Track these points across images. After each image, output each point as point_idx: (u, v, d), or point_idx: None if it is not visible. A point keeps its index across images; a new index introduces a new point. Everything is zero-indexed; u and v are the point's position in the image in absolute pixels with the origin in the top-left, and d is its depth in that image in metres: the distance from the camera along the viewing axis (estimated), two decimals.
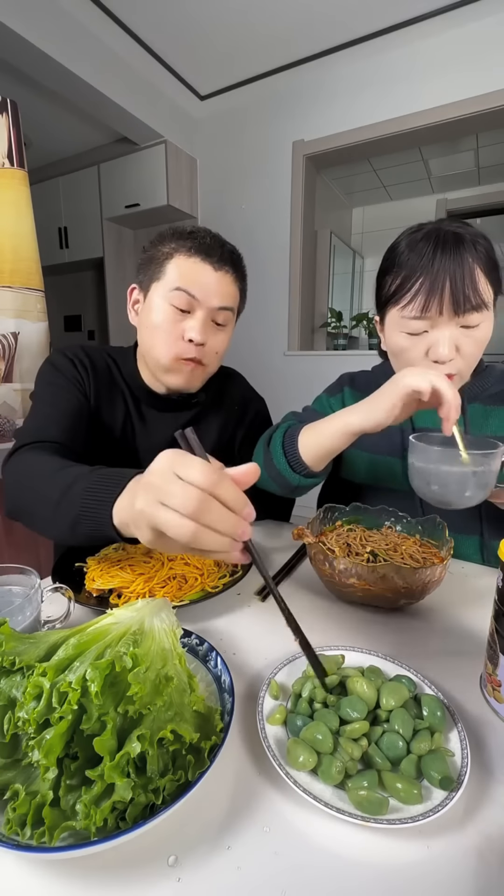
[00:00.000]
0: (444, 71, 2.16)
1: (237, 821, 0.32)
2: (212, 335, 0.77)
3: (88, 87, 2.21)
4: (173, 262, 0.74)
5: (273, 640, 0.52)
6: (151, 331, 0.76)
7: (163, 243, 0.75)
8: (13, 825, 0.28)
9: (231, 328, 0.82)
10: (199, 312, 0.74)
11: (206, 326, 0.75)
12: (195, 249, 0.73)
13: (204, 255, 0.73)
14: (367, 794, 0.32)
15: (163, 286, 0.74)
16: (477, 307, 0.63)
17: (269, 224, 2.76)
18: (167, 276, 0.74)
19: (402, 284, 0.66)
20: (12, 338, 1.43)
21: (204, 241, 0.74)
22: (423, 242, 0.64)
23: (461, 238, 0.63)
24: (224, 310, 0.76)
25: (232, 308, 0.78)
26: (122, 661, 0.31)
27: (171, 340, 0.75)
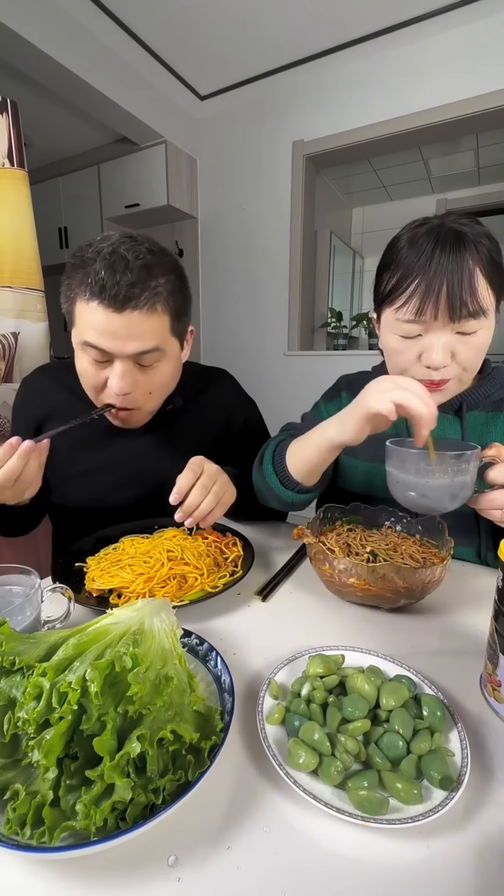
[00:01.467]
0: (444, 71, 2.15)
1: (237, 821, 0.32)
2: (141, 378, 0.70)
3: (88, 87, 2.21)
4: (77, 306, 0.65)
5: (273, 640, 0.52)
6: (80, 376, 0.73)
7: (70, 276, 0.66)
8: (13, 825, 0.28)
9: (170, 360, 0.72)
10: (118, 363, 0.67)
11: (128, 374, 0.68)
12: (91, 291, 0.62)
13: (100, 297, 0.62)
14: (367, 794, 0.32)
15: (76, 334, 0.68)
16: (474, 314, 0.59)
17: (269, 224, 2.76)
18: (77, 323, 0.67)
19: (397, 284, 0.62)
20: (12, 338, 1.43)
21: (98, 277, 0.61)
22: (424, 239, 0.60)
23: (463, 237, 0.58)
24: (145, 354, 0.67)
25: (156, 348, 0.67)
26: (122, 661, 0.31)
27: (96, 390, 0.71)
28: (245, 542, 0.72)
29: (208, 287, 3.06)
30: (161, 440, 0.85)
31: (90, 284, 0.62)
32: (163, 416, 0.84)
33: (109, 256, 0.62)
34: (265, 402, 1.09)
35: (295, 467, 0.68)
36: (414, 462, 0.52)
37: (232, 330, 3.02)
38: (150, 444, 0.84)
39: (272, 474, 0.71)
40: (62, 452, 0.84)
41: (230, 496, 0.70)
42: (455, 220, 0.61)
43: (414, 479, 0.53)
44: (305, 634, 0.53)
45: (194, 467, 0.67)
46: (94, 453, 0.83)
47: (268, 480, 0.71)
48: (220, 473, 0.70)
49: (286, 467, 0.69)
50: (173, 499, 0.64)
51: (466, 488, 0.52)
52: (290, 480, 0.68)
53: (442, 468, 0.51)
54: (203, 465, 0.68)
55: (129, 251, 0.63)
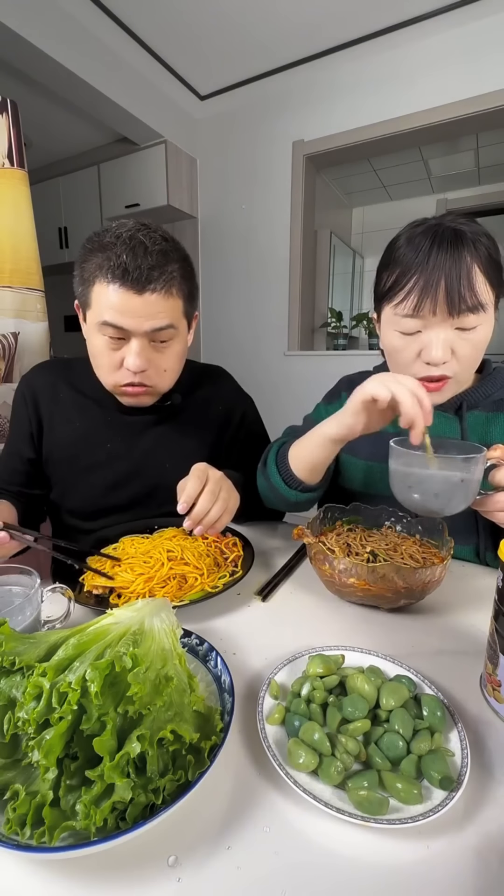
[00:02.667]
0: (444, 71, 2.15)
1: (237, 821, 0.32)
2: (155, 356, 0.73)
3: (88, 87, 2.21)
4: (95, 289, 0.68)
5: (273, 640, 0.52)
6: (93, 358, 0.75)
7: (86, 259, 0.69)
8: (13, 825, 0.28)
9: (180, 339, 0.76)
10: (134, 340, 0.69)
11: (144, 352, 0.70)
12: (112, 274, 0.65)
13: (122, 279, 0.65)
14: (367, 794, 0.32)
15: (92, 316, 0.70)
16: (473, 308, 0.59)
17: (269, 224, 2.76)
18: (93, 305, 0.69)
19: (396, 281, 0.63)
20: (12, 338, 1.43)
21: (120, 261, 0.64)
22: (422, 237, 0.61)
23: (461, 235, 0.59)
24: (161, 330, 0.70)
25: (171, 325, 0.71)
26: (122, 661, 0.31)
27: (111, 370, 0.73)
28: (245, 542, 0.72)
29: (208, 287, 3.05)
30: (161, 436, 0.85)
31: (112, 268, 0.65)
32: (162, 413, 0.84)
33: (129, 241, 0.66)
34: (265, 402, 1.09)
35: (298, 466, 0.69)
36: (419, 464, 0.51)
37: (232, 330, 3.02)
38: (149, 440, 0.84)
39: (276, 475, 0.71)
40: (62, 449, 0.84)
41: (235, 502, 0.70)
42: (453, 220, 0.62)
43: (419, 481, 0.52)
44: (305, 634, 0.53)
45: (199, 474, 0.66)
46: (94, 450, 0.83)
47: (272, 481, 0.72)
48: (224, 479, 0.69)
49: (290, 467, 0.70)
50: (181, 508, 0.63)
51: (472, 491, 0.51)
52: (294, 480, 0.69)
53: (448, 470, 0.50)
54: (207, 472, 0.67)
55: (146, 237, 0.67)
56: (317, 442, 0.65)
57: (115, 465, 0.84)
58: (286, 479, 0.70)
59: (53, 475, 0.86)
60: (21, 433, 0.86)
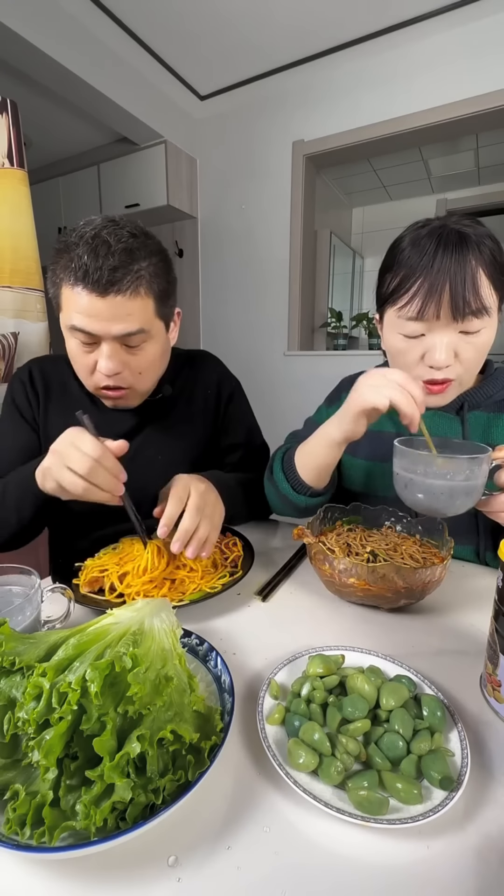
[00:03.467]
0: (444, 71, 2.15)
1: (237, 821, 0.32)
2: (129, 358, 0.70)
3: (88, 88, 2.21)
4: (63, 292, 0.66)
5: (273, 640, 0.52)
6: (70, 360, 0.73)
7: (55, 260, 0.66)
8: (13, 825, 0.28)
9: (156, 341, 0.72)
10: (105, 344, 0.67)
11: (116, 355, 0.68)
12: (75, 276, 0.63)
13: (84, 281, 0.62)
14: (367, 794, 0.32)
15: (63, 318, 0.68)
16: (477, 312, 0.59)
17: (269, 224, 2.76)
18: (63, 308, 0.67)
19: (400, 284, 0.63)
20: (12, 338, 1.43)
21: (82, 262, 0.62)
22: (426, 240, 0.61)
23: (465, 238, 0.59)
24: (131, 335, 0.67)
25: (141, 329, 0.67)
26: (122, 661, 0.31)
27: (87, 373, 0.71)
28: (245, 542, 0.72)
29: (208, 287, 3.05)
30: (155, 430, 0.85)
31: (74, 269, 0.62)
32: (153, 406, 0.83)
33: (92, 241, 0.63)
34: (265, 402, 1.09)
35: (304, 471, 0.69)
36: (424, 464, 0.51)
37: (232, 330, 3.02)
38: (144, 433, 0.84)
39: (284, 481, 0.72)
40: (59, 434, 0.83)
41: (220, 516, 0.66)
42: (457, 222, 0.62)
43: (423, 482, 0.51)
44: (305, 634, 0.53)
45: (181, 491, 0.61)
46: None
47: (280, 488, 0.72)
48: (209, 493, 0.65)
49: (296, 473, 0.70)
50: (161, 532, 0.59)
51: (477, 491, 0.51)
52: (302, 485, 0.70)
53: (453, 471, 0.50)
54: (190, 486, 0.63)
55: (111, 235, 0.64)
56: (321, 444, 0.65)
57: None
58: (294, 485, 0.71)
59: None
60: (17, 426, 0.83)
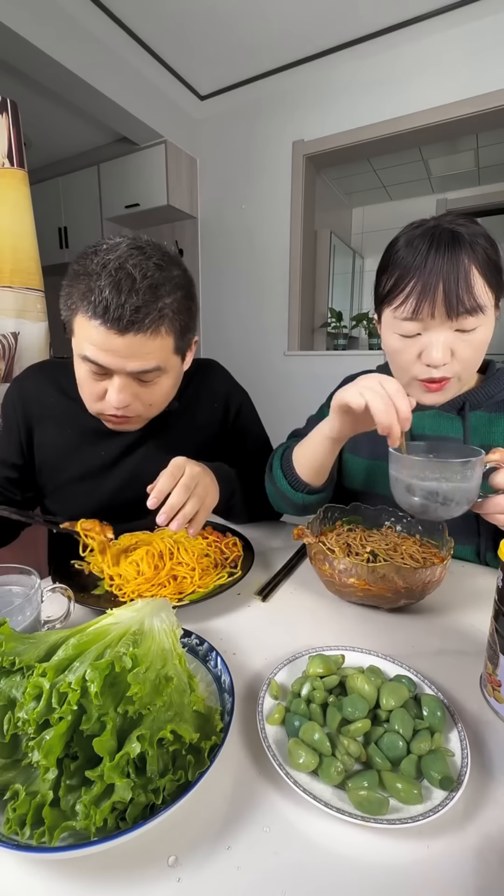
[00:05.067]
0: (444, 71, 2.15)
1: (237, 821, 0.32)
2: (140, 390, 0.68)
3: (88, 88, 2.21)
4: (77, 319, 0.62)
5: (273, 640, 0.52)
6: (78, 382, 0.71)
7: (72, 283, 0.63)
8: (13, 825, 0.28)
9: (170, 375, 0.70)
10: (116, 378, 0.65)
11: (128, 388, 0.66)
12: (93, 312, 0.59)
13: (103, 318, 0.59)
14: (367, 794, 0.32)
15: (75, 345, 0.66)
16: (472, 310, 0.59)
17: (269, 224, 2.76)
18: (76, 335, 0.64)
19: (395, 284, 0.63)
20: (12, 338, 1.43)
21: (102, 297, 0.58)
22: (419, 240, 0.61)
23: (458, 237, 0.59)
24: (146, 372, 0.65)
25: (157, 367, 0.65)
26: (122, 661, 0.31)
27: (94, 399, 0.69)
28: (245, 543, 0.72)
29: (208, 287, 3.06)
30: (157, 442, 0.83)
31: (93, 303, 0.59)
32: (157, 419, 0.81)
33: (115, 273, 0.59)
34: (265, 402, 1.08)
35: (302, 468, 0.69)
36: (418, 469, 0.52)
37: (232, 330, 3.02)
38: (146, 447, 0.83)
39: (282, 478, 0.72)
40: (54, 459, 0.82)
41: (212, 500, 0.67)
42: (451, 221, 0.62)
43: (418, 486, 0.52)
44: (305, 634, 0.53)
45: (174, 469, 0.63)
46: (88, 458, 0.81)
47: (279, 485, 0.72)
48: (203, 475, 0.66)
49: (294, 470, 0.70)
50: (151, 503, 0.59)
51: (471, 494, 0.51)
52: (300, 483, 0.70)
53: (447, 474, 0.50)
54: (184, 467, 0.64)
55: (136, 267, 0.60)
56: (317, 441, 0.65)
57: (112, 474, 0.81)
58: (292, 482, 0.71)
59: (47, 485, 0.84)
60: (9, 438, 0.83)
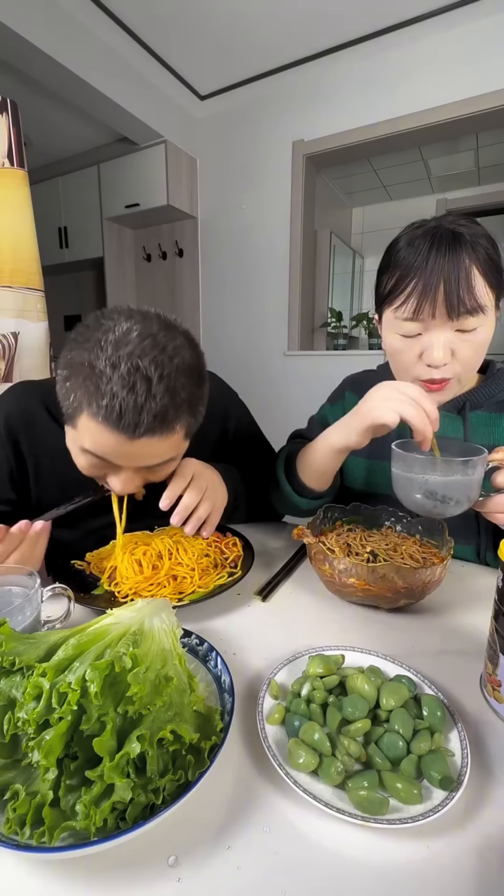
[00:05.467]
0: (444, 71, 2.15)
1: (237, 821, 0.32)
2: (148, 474, 0.62)
3: (88, 87, 2.21)
4: (81, 418, 0.54)
5: (273, 640, 0.52)
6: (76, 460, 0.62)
7: (73, 372, 0.54)
8: (13, 825, 0.28)
9: (179, 457, 0.63)
10: (122, 472, 0.59)
11: (132, 481, 0.60)
12: (104, 417, 0.51)
13: (116, 426, 0.51)
14: (367, 794, 0.32)
15: (73, 436, 0.59)
16: (472, 311, 0.59)
17: (269, 224, 2.76)
18: (78, 429, 0.56)
19: (396, 284, 0.63)
20: (12, 338, 1.43)
21: (114, 403, 0.50)
22: (420, 240, 0.61)
23: (459, 237, 0.59)
24: (157, 466, 0.59)
25: (171, 458, 0.60)
26: (122, 661, 0.31)
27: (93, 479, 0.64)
28: (245, 543, 0.72)
29: (208, 287, 3.05)
30: None
31: (104, 408, 0.51)
32: None
33: (128, 376, 0.50)
34: (265, 402, 1.09)
35: (306, 475, 0.70)
36: (420, 466, 0.52)
37: (232, 330, 3.02)
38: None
39: (286, 484, 0.72)
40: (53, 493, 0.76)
41: (223, 500, 0.67)
42: (452, 221, 0.62)
43: (420, 484, 0.52)
44: (305, 634, 0.53)
45: (184, 471, 0.63)
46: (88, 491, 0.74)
47: (283, 490, 0.73)
48: (212, 476, 0.67)
49: (299, 477, 0.71)
50: (164, 504, 0.59)
51: (473, 492, 0.52)
52: (305, 489, 0.71)
53: (449, 473, 0.50)
54: (194, 469, 0.64)
55: (151, 364, 0.51)
56: (323, 451, 0.66)
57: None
58: (297, 488, 0.71)
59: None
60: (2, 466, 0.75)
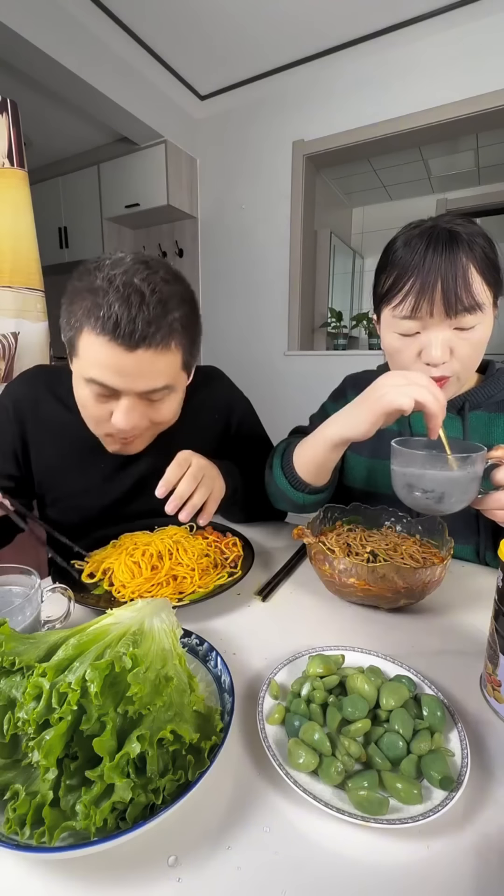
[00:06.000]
0: (444, 71, 2.15)
1: (237, 821, 0.32)
2: (148, 410, 0.66)
3: (89, 87, 2.21)
4: (82, 338, 0.60)
5: (273, 640, 0.52)
6: (79, 405, 0.68)
7: (74, 300, 0.60)
8: (13, 825, 0.28)
9: (178, 393, 0.69)
10: (124, 399, 0.63)
11: (134, 410, 0.64)
12: (101, 328, 0.57)
13: (112, 333, 0.57)
14: (367, 794, 0.32)
15: (78, 367, 0.63)
16: (470, 308, 0.60)
17: (269, 224, 2.76)
18: (80, 355, 0.61)
19: (393, 283, 0.63)
20: (12, 338, 1.43)
21: (111, 312, 0.56)
22: (417, 240, 0.61)
23: (456, 236, 0.60)
24: (154, 392, 0.63)
25: (166, 386, 0.64)
26: (122, 661, 0.31)
27: (98, 422, 0.68)
28: (245, 543, 0.72)
29: (208, 287, 3.06)
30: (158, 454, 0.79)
31: (102, 319, 0.56)
32: None
33: (123, 288, 0.57)
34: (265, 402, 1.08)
35: (302, 468, 0.69)
36: (420, 463, 0.52)
37: (232, 330, 3.02)
38: (146, 460, 0.80)
39: (282, 477, 0.72)
40: (53, 473, 0.80)
41: (220, 490, 0.68)
42: (449, 221, 0.63)
43: (419, 480, 0.52)
44: (305, 634, 0.53)
45: (181, 461, 0.64)
46: (88, 471, 0.79)
47: (279, 483, 0.72)
48: (209, 467, 0.68)
49: (294, 470, 0.70)
50: (160, 492, 0.60)
51: (472, 489, 0.52)
52: (300, 482, 0.70)
53: (448, 469, 0.51)
54: (191, 459, 0.65)
55: (144, 282, 0.58)
56: (320, 445, 0.65)
57: (112, 486, 0.80)
58: (292, 482, 0.70)
59: (48, 494, 0.82)
60: (4, 450, 0.79)
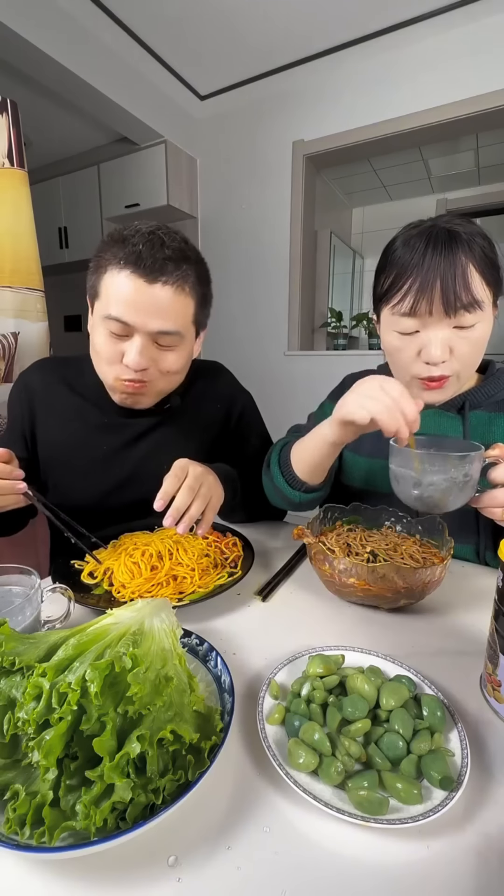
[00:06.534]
0: (444, 71, 2.15)
1: (237, 821, 0.32)
2: (158, 355, 0.71)
3: (88, 87, 2.21)
4: (105, 277, 0.67)
5: (273, 640, 0.52)
6: (94, 351, 0.73)
7: (103, 250, 0.68)
8: (13, 825, 0.28)
9: (187, 346, 0.73)
10: (136, 337, 0.67)
11: (145, 351, 0.68)
12: (125, 260, 0.64)
13: (134, 265, 0.64)
14: (367, 794, 0.32)
15: (99, 308, 0.69)
16: (469, 307, 0.60)
17: (269, 224, 2.76)
18: (101, 296, 0.68)
19: (393, 283, 0.64)
20: (12, 338, 1.43)
21: (135, 249, 0.64)
22: (417, 239, 0.62)
23: (455, 235, 0.60)
24: (165, 334, 0.68)
25: (178, 332, 0.69)
26: (122, 661, 0.31)
27: (111, 362, 0.71)
28: (245, 543, 0.72)
29: None
30: (158, 439, 0.84)
31: (126, 254, 0.64)
32: (159, 415, 0.83)
33: (148, 234, 0.66)
34: (265, 402, 1.09)
35: (299, 467, 0.69)
36: (417, 461, 0.53)
37: (232, 330, 3.02)
38: (147, 443, 0.84)
39: (279, 475, 0.72)
40: (58, 453, 0.83)
41: (218, 499, 0.68)
42: (448, 221, 0.63)
43: (417, 479, 0.53)
44: (305, 634, 0.53)
45: (178, 471, 0.65)
46: (90, 454, 0.82)
47: (275, 482, 0.73)
48: (206, 475, 0.67)
49: (291, 468, 0.70)
50: (158, 505, 0.61)
51: (470, 488, 0.52)
52: (297, 481, 0.70)
53: (446, 468, 0.51)
54: (188, 468, 0.66)
55: (165, 235, 0.67)
56: (316, 443, 0.65)
57: (112, 469, 0.82)
58: (289, 480, 0.71)
59: (49, 478, 0.85)
60: (14, 432, 0.85)
